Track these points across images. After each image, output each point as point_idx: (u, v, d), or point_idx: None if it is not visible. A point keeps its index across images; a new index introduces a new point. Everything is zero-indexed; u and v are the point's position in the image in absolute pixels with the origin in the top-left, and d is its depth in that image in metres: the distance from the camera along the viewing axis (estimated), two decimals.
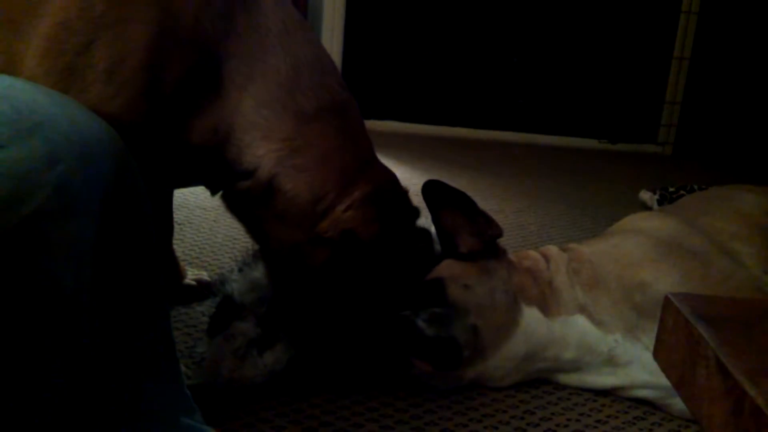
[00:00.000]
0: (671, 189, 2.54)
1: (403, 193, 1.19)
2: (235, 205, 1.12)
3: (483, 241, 1.32)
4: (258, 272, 1.23)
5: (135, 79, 0.94)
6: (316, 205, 1.04)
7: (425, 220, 1.53)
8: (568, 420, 1.20)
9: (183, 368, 1.05)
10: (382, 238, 1.08)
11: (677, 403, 1.23)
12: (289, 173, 1.02)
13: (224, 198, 1.13)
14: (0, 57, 0.97)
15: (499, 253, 1.34)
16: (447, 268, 1.30)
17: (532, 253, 1.39)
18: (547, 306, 1.28)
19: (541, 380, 1.31)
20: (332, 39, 3.59)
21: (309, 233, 1.04)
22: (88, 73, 0.93)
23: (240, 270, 1.27)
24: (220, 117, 1.01)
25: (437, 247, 1.48)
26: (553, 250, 1.39)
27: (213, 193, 1.15)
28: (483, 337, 1.22)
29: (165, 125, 1.00)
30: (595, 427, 1.19)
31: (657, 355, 0.62)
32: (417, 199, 2.59)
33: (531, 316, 1.26)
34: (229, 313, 1.19)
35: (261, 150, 1.02)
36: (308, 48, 1.07)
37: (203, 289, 1.52)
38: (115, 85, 0.93)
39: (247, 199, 1.06)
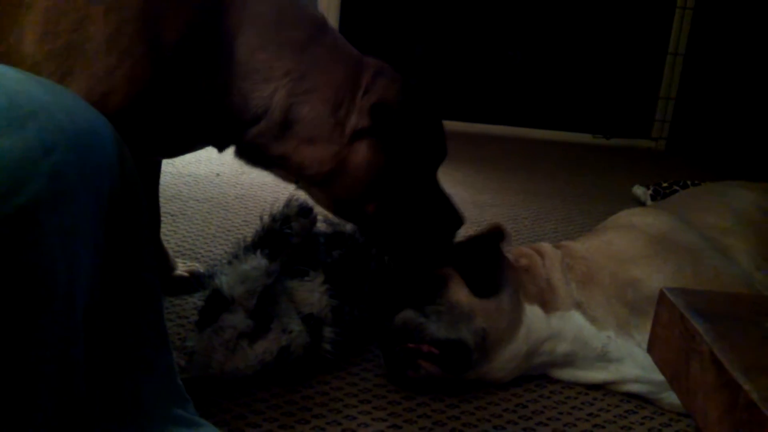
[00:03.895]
0: (664, 184, 2.54)
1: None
2: (252, 154, 1.15)
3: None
4: (248, 265, 1.22)
5: (135, 45, 0.96)
6: (337, 113, 1.09)
7: None
8: (560, 413, 1.21)
9: (175, 360, 1.05)
10: (407, 93, 1.13)
11: (668, 397, 1.23)
12: (302, 99, 1.07)
13: (239, 153, 1.16)
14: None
15: None
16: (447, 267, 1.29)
17: (526, 250, 1.39)
18: (545, 302, 1.28)
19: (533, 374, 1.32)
20: None
21: (340, 140, 1.10)
22: (87, 49, 0.94)
23: (229, 263, 1.27)
24: (221, 69, 1.04)
25: None
26: (546, 246, 1.38)
27: (220, 151, 1.17)
28: (490, 340, 1.21)
29: (172, 87, 1.02)
30: (587, 420, 1.20)
31: (651, 349, 0.62)
32: None
33: (533, 314, 1.26)
34: (218, 306, 1.19)
35: (266, 91, 1.06)
36: None
37: (196, 281, 1.52)
38: (117, 54, 0.95)
39: (263, 141, 1.10)
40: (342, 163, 1.11)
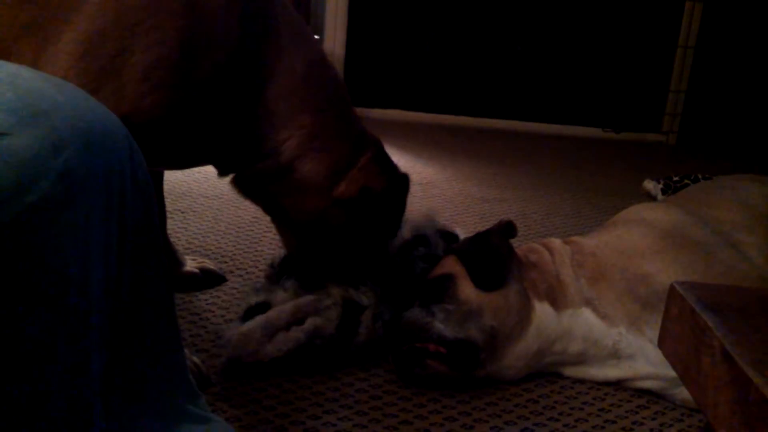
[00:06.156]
0: (675, 178, 2.53)
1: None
2: (248, 185, 1.27)
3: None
4: (301, 301, 1.28)
5: (167, 78, 1.05)
6: (333, 176, 1.22)
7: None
8: (572, 409, 1.21)
9: (188, 354, 1.06)
10: (389, 187, 1.28)
11: (680, 393, 1.23)
12: (309, 155, 1.20)
13: (237, 182, 1.27)
14: (26, 59, 1.03)
15: None
16: (455, 264, 1.29)
17: (536, 246, 1.38)
18: (555, 300, 1.27)
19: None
20: (335, 28, 3.58)
21: (327, 198, 1.23)
22: (123, 74, 1.03)
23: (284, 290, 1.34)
24: (246, 107, 1.16)
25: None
26: (556, 242, 1.38)
27: (221, 175, 1.27)
28: (499, 338, 1.21)
29: (192, 113, 1.11)
30: (598, 415, 1.20)
31: (662, 344, 0.62)
32: (420, 188, 2.58)
33: (543, 311, 1.25)
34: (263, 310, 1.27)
35: (281, 136, 1.18)
36: (314, 47, 1.25)
37: (207, 277, 1.52)
38: (150, 84, 1.04)
39: (261, 177, 1.22)
40: (324, 217, 1.24)
